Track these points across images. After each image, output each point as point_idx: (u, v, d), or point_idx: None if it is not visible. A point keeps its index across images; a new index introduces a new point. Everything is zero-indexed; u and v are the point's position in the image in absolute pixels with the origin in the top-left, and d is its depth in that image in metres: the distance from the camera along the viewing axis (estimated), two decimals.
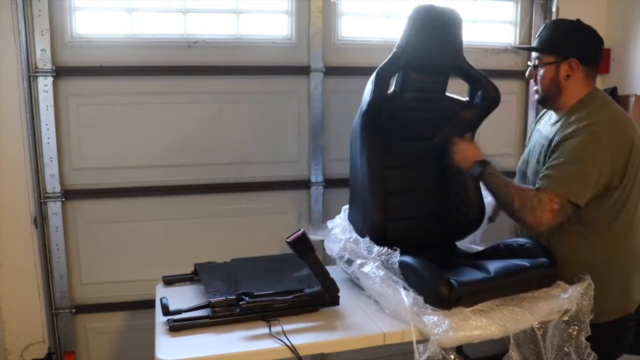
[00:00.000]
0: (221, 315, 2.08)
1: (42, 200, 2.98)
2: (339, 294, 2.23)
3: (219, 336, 2.03)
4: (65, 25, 2.93)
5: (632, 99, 3.39)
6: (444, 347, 1.99)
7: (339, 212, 3.36)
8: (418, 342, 2.00)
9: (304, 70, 3.24)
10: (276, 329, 2.04)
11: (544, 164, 2.33)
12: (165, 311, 2.07)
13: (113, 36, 3.03)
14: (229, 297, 2.11)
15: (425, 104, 2.54)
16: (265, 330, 2.04)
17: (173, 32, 3.10)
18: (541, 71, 2.40)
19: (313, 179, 3.33)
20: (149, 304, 2.34)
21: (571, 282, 2.24)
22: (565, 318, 2.15)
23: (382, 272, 2.25)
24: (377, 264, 2.29)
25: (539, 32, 2.49)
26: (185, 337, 2.02)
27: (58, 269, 3.04)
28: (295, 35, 3.24)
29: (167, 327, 2.05)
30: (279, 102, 3.27)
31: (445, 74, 2.55)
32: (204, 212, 3.22)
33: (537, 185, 2.27)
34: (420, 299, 2.14)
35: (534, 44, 2.49)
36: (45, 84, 2.89)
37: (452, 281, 2.10)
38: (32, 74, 2.88)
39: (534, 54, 2.46)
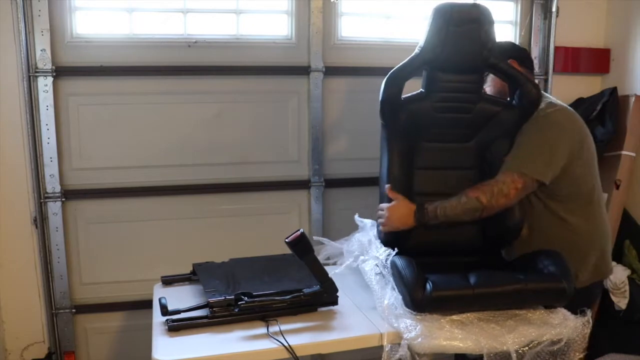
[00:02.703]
0: (220, 315, 2.09)
1: (42, 200, 2.98)
2: (338, 294, 2.23)
3: (217, 336, 2.03)
4: (65, 25, 2.93)
5: (632, 99, 3.38)
6: (416, 352, 1.99)
7: (339, 212, 3.38)
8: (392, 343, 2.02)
9: (304, 70, 3.24)
10: (274, 329, 2.04)
11: None
12: (164, 311, 2.07)
13: (113, 36, 3.03)
14: (227, 297, 2.11)
15: (458, 105, 2.43)
16: (264, 330, 2.04)
17: (173, 32, 3.10)
18: (490, 82, 2.61)
19: (313, 179, 3.33)
20: (149, 304, 2.34)
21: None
22: (552, 348, 2.08)
23: (378, 270, 2.26)
24: (376, 262, 2.30)
25: None
26: (184, 337, 2.02)
27: (58, 269, 3.05)
28: (295, 35, 3.24)
29: (166, 327, 2.05)
30: (279, 102, 3.27)
31: (478, 73, 2.44)
32: (204, 212, 3.22)
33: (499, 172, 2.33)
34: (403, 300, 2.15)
35: None
36: (45, 84, 2.89)
37: (428, 285, 2.08)
38: (32, 74, 2.88)
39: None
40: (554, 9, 3.45)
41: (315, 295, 2.19)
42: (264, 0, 3.20)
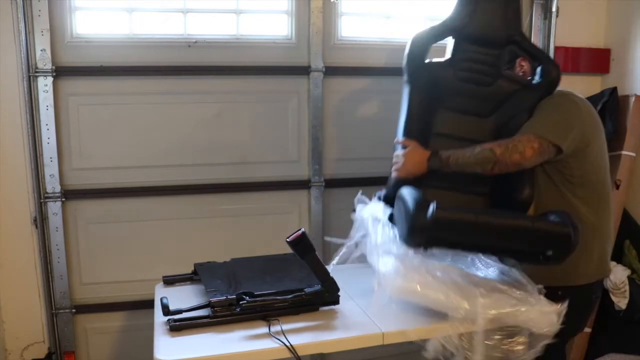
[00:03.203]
0: (221, 315, 2.09)
1: (42, 200, 2.97)
2: (339, 293, 2.23)
3: (218, 336, 2.04)
4: (65, 25, 2.92)
5: (632, 99, 3.39)
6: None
7: (338, 212, 3.38)
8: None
9: (304, 70, 3.23)
10: (276, 328, 2.04)
11: None
12: (166, 311, 2.07)
13: (113, 36, 3.03)
14: (229, 297, 2.11)
15: (479, 76, 2.51)
16: (265, 330, 2.05)
17: (173, 32, 3.09)
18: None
19: (313, 179, 3.32)
20: (149, 304, 2.34)
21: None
22: (517, 327, 2.12)
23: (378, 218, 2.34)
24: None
25: None
26: (185, 337, 2.03)
27: (58, 269, 3.04)
28: (295, 35, 3.24)
29: (168, 327, 2.05)
30: (279, 102, 3.27)
31: (501, 48, 2.52)
32: (204, 212, 3.22)
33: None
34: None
35: None
36: (45, 84, 2.89)
37: (431, 206, 2.10)
38: (32, 74, 2.87)
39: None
40: (554, 9, 3.45)
41: (316, 295, 2.19)
42: (264, 0, 3.20)
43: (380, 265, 2.12)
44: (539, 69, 2.50)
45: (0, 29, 2.85)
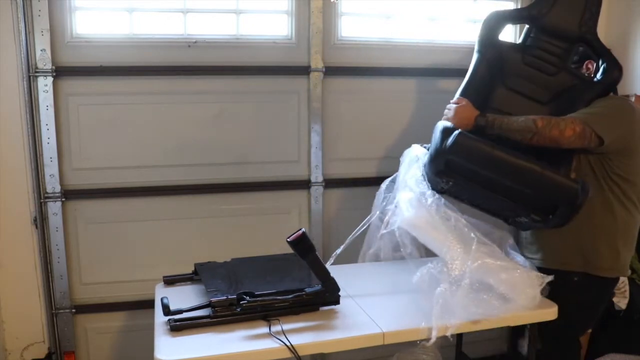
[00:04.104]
0: (222, 315, 2.10)
1: (42, 200, 2.97)
2: (340, 293, 2.24)
3: (219, 336, 2.04)
4: (65, 25, 2.92)
5: (632, 99, 3.39)
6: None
7: (338, 212, 3.38)
8: None
9: (304, 70, 3.23)
10: (276, 328, 2.04)
11: None
12: (167, 311, 2.07)
13: (113, 36, 3.02)
14: (229, 297, 2.11)
15: (544, 64, 2.63)
16: (266, 329, 2.05)
17: (173, 32, 3.09)
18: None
19: (313, 179, 3.32)
20: (149, 304, 2.34)
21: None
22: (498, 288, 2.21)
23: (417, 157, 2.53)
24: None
25: None
26: (186, 337, 2.03)
27: (58, 269, 3.04)
28: (295, 35, 3.23)
29: (168, 327, 2.06)
30: (279, 102, 3.26)
31: (571, 43, 2.63)
32: (204, 212, 3.22)
33: None
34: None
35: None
36: (45, 84, 2.89)
37: (456, 131, 2.26)
38: (32, 74, 2.87)
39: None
40: None
41: (317, 295, 2.20)
42: (264, 0, 3.20)
43: (398, 196, 2.28)
44: (602, 67, 2.58)
45: (0, 29, 2.84)
